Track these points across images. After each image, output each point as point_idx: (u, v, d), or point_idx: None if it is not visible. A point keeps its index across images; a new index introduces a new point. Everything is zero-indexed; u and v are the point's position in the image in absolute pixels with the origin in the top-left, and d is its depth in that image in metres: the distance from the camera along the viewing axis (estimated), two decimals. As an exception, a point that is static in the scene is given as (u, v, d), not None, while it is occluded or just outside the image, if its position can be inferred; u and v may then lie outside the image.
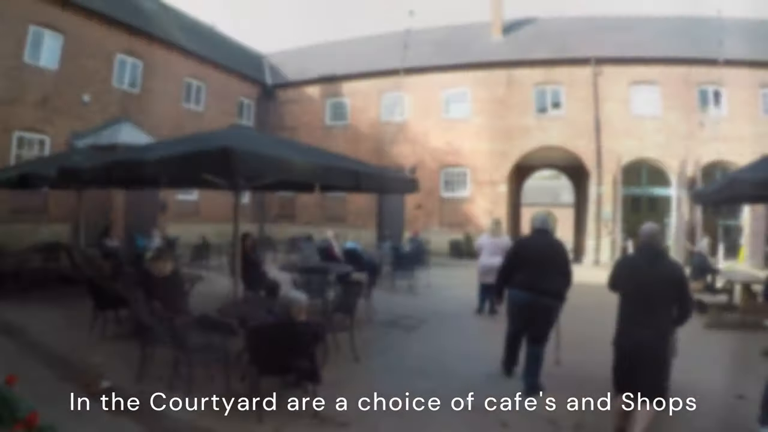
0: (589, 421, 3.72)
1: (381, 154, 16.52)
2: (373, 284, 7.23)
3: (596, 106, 15.22)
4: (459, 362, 5.09)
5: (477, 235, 14.33)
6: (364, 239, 15.33)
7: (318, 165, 4.56)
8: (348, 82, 17.90)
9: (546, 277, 4.10)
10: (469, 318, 7.48)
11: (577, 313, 6.02)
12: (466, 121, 16.34)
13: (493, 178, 15.96)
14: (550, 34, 17.41)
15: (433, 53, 17.53)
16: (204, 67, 16.98)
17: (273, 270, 8.62)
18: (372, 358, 5.22)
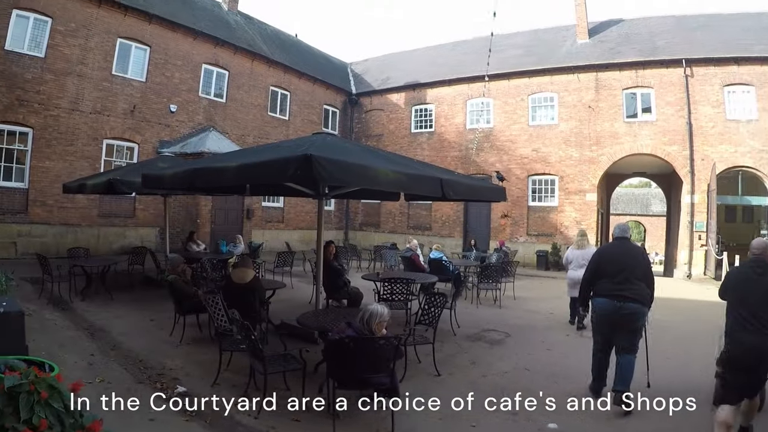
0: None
1: (467, 162, 18.13)
2: (457, 295, 7.52)
3: (688, 110, 16.04)
4: (545, 381, 5.06)
5: (565, 245, 16.05)
6: (449, 248, 16.96)
7: (403, 173, 4.74)
8: (433, 89, 19.52)
9: (628, 283, 4.44)
10: (556, 332, 7.67)
11: (667, 332, 6.77)
12: (553, 127, 17.55)
13: (581, 187, 17.18)
14: (638, 36, 18.49)
15: (518, 58, 18.86)
16: (288, 75, 19.10)
17: (356, 278, 9.27)
18: (453, 373, 5.32)
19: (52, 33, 12.92)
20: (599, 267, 4.75)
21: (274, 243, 17.13)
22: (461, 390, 4.61)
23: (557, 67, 17.59)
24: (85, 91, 13.61)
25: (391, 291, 7.34)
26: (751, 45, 16.48)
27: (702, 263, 16.07)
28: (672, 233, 19.73)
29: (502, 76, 17.94)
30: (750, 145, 15.88)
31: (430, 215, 19.46)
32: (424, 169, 5.84)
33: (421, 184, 4.97)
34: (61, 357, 5.14)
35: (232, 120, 17.05)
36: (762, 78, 15.88)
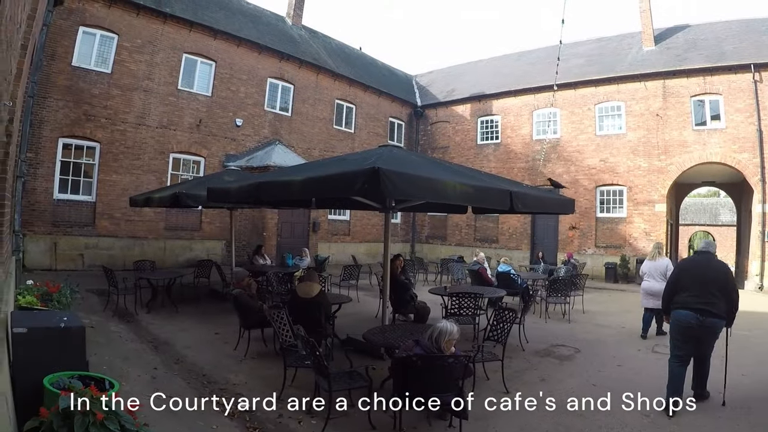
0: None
1: (534, 173, 20.27)
2: (526, 310, 8.10)
3: (759, 117, 17.64)
4: (617, 399, 5.15)
5: (634, 257, 18.30)
6: (516, 261, 18.90)
7: (470, 186, 5.06)
8: (498, 100, 21.91)
9: (708, 297, 5.08)
10: (627, 347, 8.23)
11: (743, 345, 7.44)
12: (620, 137, 19.53)
13: (650, 197, 18.97)
14: (705, 41, 20.39)
15: (582, 67, 21.04)
16: (353, 89, 21.70)
17: (423, 292, 10.01)
18: (522, 391, 5.58)
19: (119, 49, 14.44)
20: (679, 279, 5.49)
21: (340, 256, 19.38)
22: (530, 409, 4.98)
23: (624, 75, 19.55)
24: (151, 105, 15.16)
25: (458, 305, 7.98)
26: None
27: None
28: (743, 243, 21.15)
29: (569, 86, 19.92)
30: None
31: (497, 227, 21.74)
32: (492, 181, 6.24)
33: (490, 197, 5.37)
34: (124, 370, 5.66)
35: (297, 133, 19.26)
36: None
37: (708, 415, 5.13)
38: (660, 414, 5.08)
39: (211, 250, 16.45)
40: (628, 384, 5.86)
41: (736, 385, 5.78)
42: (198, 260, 13.46)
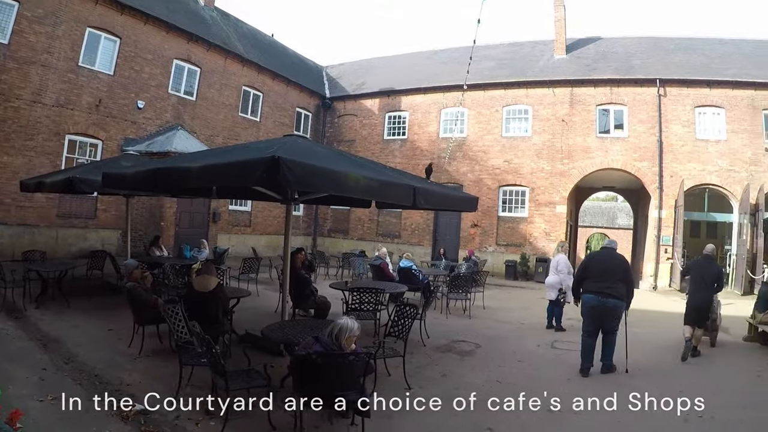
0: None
1: (439, 171, 20.70)
2: (428, 305, 8.52)
3: (660, 128, 19.54)
4: (516, 394, 5.69)
5: (533, 255, 19.48)
6: (418, 257, 19.44)
7: (375, 180, 5.31)
8: (408, 96, 22.81)
9: (610, 283, 6.82)
10: (527, 343, 8.89)
11: (639, 340, 8.46)
12: (526, 139, 20.84)
13: (551, 199, 20.34)
14: (615, 54, 22.16)
15: (494, 69, 22.19)
16: (262, 76, 21.82)
17: (323, 286, 10.17)
18: (425, 387, 6.01)
19: (18, 18, 13.73)
20: (587, 269, 7.22)
21: (241, 248, 19.33)
22: (434, 405, 5.27)
23: (533, 80, 20.98)
24: (49, 82, 14.54)
25: (359, 301, 8.19)
26: (725, 69, 20.08)
27: (668, 275, 19.40)
28: (638, 246, 23.41)
29: (479, 87, 21.07)
30: (718, 164, 19.27)
31: (400, 223, 22.50)
32: (397, 176, 6.52)
33: (393, 192, 5.67)
34: (10, 372, 5.56)
35: (201, 119, 19.16)
36: (733, 101, 19.40)
37: (613, 380, 6.61)
38: (560, 412, 5.49)
39: (106, 240, 16.22)
40: (528, 379, 6.66)
41: (636, 361, 7.33)
42: (91, 251, 13.12)
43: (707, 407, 5.85)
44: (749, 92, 19.69)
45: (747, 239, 19.02)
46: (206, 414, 4.85)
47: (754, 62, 20.96)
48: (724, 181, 19.67)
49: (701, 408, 5.71)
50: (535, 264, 19.63)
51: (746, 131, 19.61)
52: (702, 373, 7.53)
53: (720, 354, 8.85)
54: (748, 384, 7.17)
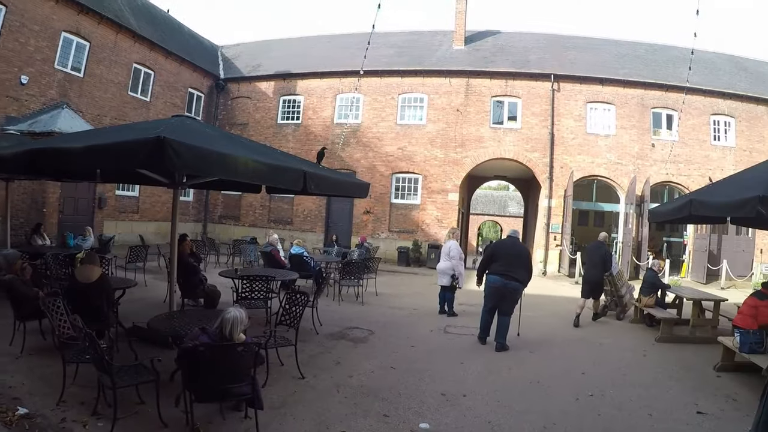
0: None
1: (332, 156, 20.78)
2: (319, 293, 8.66)
3: (552, 121, 20.84)
4: (410, 379, 6.24)
5: (426, 242, 19.81)
6: (311, 243, 19.72)
7: (264, 164, 5.36)
8: (303, 80, 22.97)
9: (512, 267, 7.91)
10: (420, 328, 9.29)
11: (530, 325, 9.52)
12: (420, 127, 21.51)
13: (444, 186, 21.02)
14: (512, 48, 23.28)
15: (392, 57, 22.67)
16: (155, 53, 21.28)
17: (213, 275, 10.20)
18: (318, 375, 6.15)
19: None
20: (493, 254, 8.27)
21: (129, 236, 18.84)
22: (328, 393, 5.62)
23: (430, 69, 21.65)
24: None
25: (250, 289, 8.32)
26: (618, 69, 21.53)
27: (557, 262, 20.58)
28: (528, 234, 24.74)
29: (376, 74, 21.56)
30: (606, 157, 20.68)
31: (292, 209, 22.57)
32: (287, 160, 6.59)
33: (283, 176, 5.77)
34: None
35: (88, 97, 18.54)
36: (623, 99, 20.93)
37: (506, 361, 7.41)
38: (454, 395, 5.91)
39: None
40: (422, 363, 7.05)
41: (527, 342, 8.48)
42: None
43: (598, 386, 6.53)
44: (639, 91, 21.44)
45: (633, 228, 20.62)
46: (94, 414, 4.69)
47: (645, 63, 22.63)
48: (612, 173, 21.10)
49: (589, 383, 6.57)
50: (428, 250, 20.18)
51: (635, 127, 21.23)
52: (592, 354, 8.31)
53: (609, 335, 9.81)
54: (635, 363, 7.91)
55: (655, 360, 8.24)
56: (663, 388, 6.55)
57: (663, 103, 21.70)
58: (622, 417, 5.65)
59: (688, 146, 21.66)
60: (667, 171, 21.38)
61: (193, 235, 20.25)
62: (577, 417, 5.53)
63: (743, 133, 22.02)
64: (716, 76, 22.87)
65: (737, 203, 6.40)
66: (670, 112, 21.73)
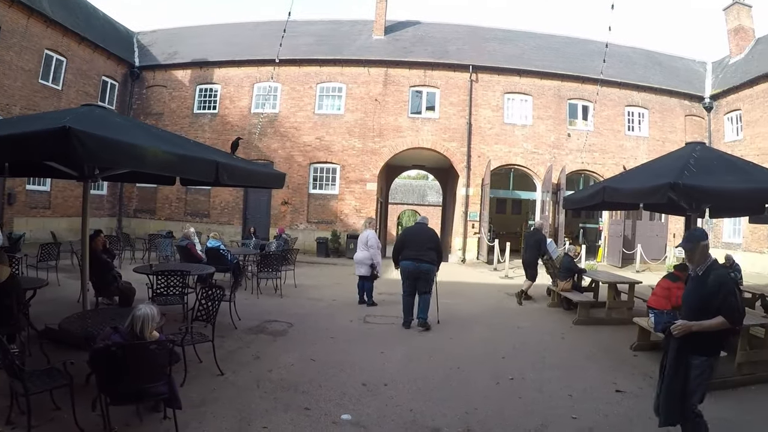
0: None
1: (249, 147, 21.43)
2: (237, 286, 8.94)
3: (470, 112, 21.72)
4: (331, 371, 6.41)
5: (344, 232, 20.22)
6: (229, 236, 19.95)
7: (174, 155, 5.44)
8: (221, 69, 23.11)
9: (423, 251, 8.89)
10: (340, 319, 9.52)
11: (450, 311, 10.18)
12: (338, 117, 21.97)
13: (362, 176, 21.52)
14: (432, 38, 23.99)
15: (311, 46, 23.03)
16: (67, 39, 20.99)
17: (128, 271, 10.14)
18: (237, 371, 6.27)
19: None
20: (404, 240, 9.21)
21: (41, 233, 18.75)
22: (248, 389, 5.70)
23: (349, 59, 22.17)
24: None
25: (166, 285, 8.34)
26: (535, 60, 22.48)
27: (475, 249, 21.43)
28: (447, 222, 25.67)
29: (294, 62, 22.00)
30: (523, 146, 21.66)
31: (209, 201, 22.69)
32: (200, 151, 6.59)
33: (195, 167, 5.82)
34: None
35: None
36: (540, 90, 21.99)
37: (426, 349, 7.82)
38: (375, 384, 6.18)
39: None
40: (342, 354, 7.24)
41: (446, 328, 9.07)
42: None
43: (518, 369, 6.88)
44: (556, 83, 22.57)
45: (549, 215, 21.66)
46: (8, 424, 4.58)
47: (563, 56, 23.63)
48: (528, 162, 22.10)
49: (509, 367, 6.92)
50: (346, 241, 20.69)
51: (551, 117, 22.30)
52: (512, 338, 8.74)
53: (528, 320, 10.38)
54: (554, 346, 8.34)
55: (574, 342, 8.75)
56: (582, 369, 6.89)
57: (579, 94, 22.97)
58: (542, 399, 5.98)
59: (603, 136, 22.93)
60: (582, 160, 22.60)
61: (108, 231, 19.72)
62: (498, 401, 5.83)
63: (656, 123, 23.51)
64: (631, 70, 24.24)
65: (649, 190, 6.95)
66: (586, 103, 22.96)
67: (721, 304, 4.09)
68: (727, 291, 4.13)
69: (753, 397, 6.34)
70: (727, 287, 4.15)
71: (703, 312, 4.17)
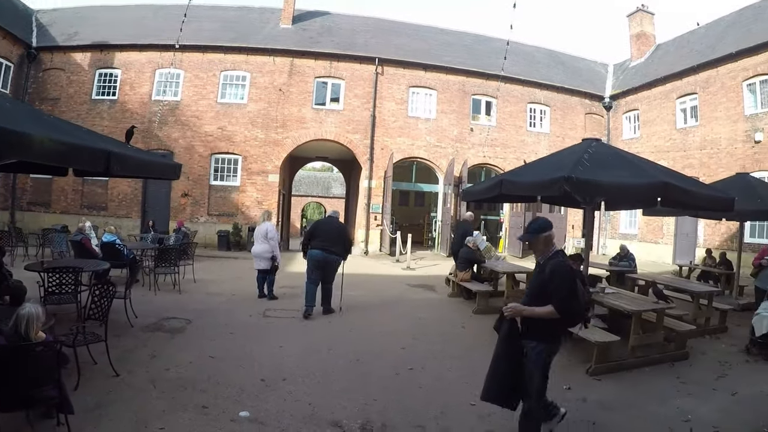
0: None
1: (149, 136, 21.18)
2: (132, 282, 8.71)
3: (374, 104, 21.99)
4: (229, 367, 6.40)
5: (246, 225, 20.03)
6: (127, 230, 19.59)
7: (63, 143, 5.21)
8: (123, 53, 22.32)
9: (330, 242, 9.53)
10: (239, 314, 9.50)
11: (353, 304, 10.56)
12: (241, 106, 21.75)
13: (264, 168, 21.44)
14: (340, 30, 24.12)
15: (217, 32, 22.65)
16: None
17: (20, 269, 9.67)
18: (133, 371, 6.12)
19: None
20: (313, 231, 9.84)
21: None
22: (144, 389, 5.58)
23: (255, 47, 21.94)
24: None
25: (59, 282, 8.03)
26: (442, 56, 22.97)
27: (378, 241, 21.85)
28: (350, 214, 26.09)
29: (198, 49, 21.61)
30: (426, 140, 22.08)
31: (107, 193, 22.03)
32: (93, 140, 6.31)
33: (85, 157, 5.55)
34: None
35: None
36: (444, 84, 22.46)
37: (326, 342, 7.94)
38: (274, 380, 6.22)
39: None
40: (241, 350, 7.26)
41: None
42: None
43: (418, 360, 7.10)
44: (461, 78, 23.12)
45: (451, 207, 22.32)
46: None
47: (470, 53, 24.25)
48: (431, 155, 22.58)
49: (409, 358, 7.05)
50: (248, 233, 20.46)
51: (455, 112, 22.86)
52: (412, 329, 8.99)
53: (429, 310, 10.74)
54: (454, 335, 8.61)
55: (473, 331, 9.00)
56: (480, 358, 6.53)
57: (483, 90, 23.65)
58: (442, 387, 6.18)
59: (505, 131, 23.70)
60: (484, 154, 23.35)
61: (0, 225, 19.22)
62: (397, 391, 5.96)
63: (557, 120, 24.46)
64: (535, 69, 25.13)
65: (545, 183, 7.20)
66: (490, 99, 23.70)
67: (552, 292, 4.24)
68: (560, 280, 4.24)
69: (646, 379, 6.85)
70: (560, 276, 4.26)
71: (538, 298, 4.33)
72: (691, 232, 21.31)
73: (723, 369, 7.50)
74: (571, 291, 4.27)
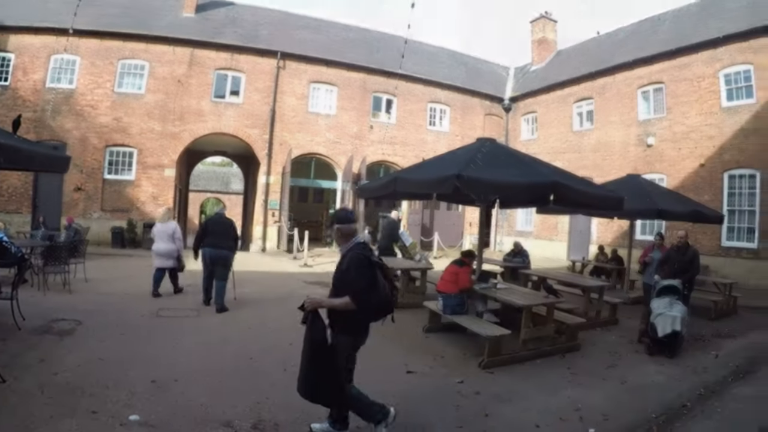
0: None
1: (41, 126, 20.73)
2: (20, 282, 8.47)
3: (275, 99, 22.22)
4: (120, 370, 6.29)
5: (141, 221, 19.99)
6: (17, 226, 19.13)
7: None
8: (17, 35, 21.31)
9: (221, 238, 10.15)
10: (131, 315, 9.33)
11: (246, 301, 10.74)
12: (138, 97, 21.32)
13: (160, 161, 21.27)
14: (244, 21, 24.08)
15: (116, 17, 22.08)
16: None
17: None
18: (20, 376, 5.92)
19: None
20: (206, 229, 10.31)
21: None
22: (32, 395, 5.39)
23: (155, 35, 21.61)
24: None
25: None
26: (345, 52, 23.39)
27: (276, 238, 22.13)
28: (248, 211, 26.43)
29: (96, 34, 21.01)
30: (326, 136, 22.55)
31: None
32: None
33: None
34: None
35: None
36: (346, 81, 22.94)
37: (221, 342, 7.99)
38: (165, 381, 6.16)
39: None
40: (132, 351, 7.17)
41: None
42: None
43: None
44: (363, 75, 23.66)
45: (350, 204, 22.95)
46: None
47: (372, 50, 24.82)
48: (330, 151, 23.13)
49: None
50: (143, 230, 20.22)
51: (355, 109, 23.35)
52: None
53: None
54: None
55: (370, 326, 9.30)
56: (376, 353, 6.61)
57: (384, 88, 24.18)
58: None
59: (405, 129, 24.43)
60: (383, 151, 24.02)
61: None
62: (285, 388, 5.72)
63: (457, 120, 25.36)
64: (437, 68, 25.92)
65: (438, 180, 7.40)
66: (391, 97, 24.29)
67: (349, 284, 4.32)
68: (356, 272, 4.31)
69: (538, 371, 7.26)
70: (356, 267, 4.34)
71: (339, 290, 4.42)
72: (585, 229, 22.73)
73: (613, 359, 8.09)
74: (369, 283, 4.33)
